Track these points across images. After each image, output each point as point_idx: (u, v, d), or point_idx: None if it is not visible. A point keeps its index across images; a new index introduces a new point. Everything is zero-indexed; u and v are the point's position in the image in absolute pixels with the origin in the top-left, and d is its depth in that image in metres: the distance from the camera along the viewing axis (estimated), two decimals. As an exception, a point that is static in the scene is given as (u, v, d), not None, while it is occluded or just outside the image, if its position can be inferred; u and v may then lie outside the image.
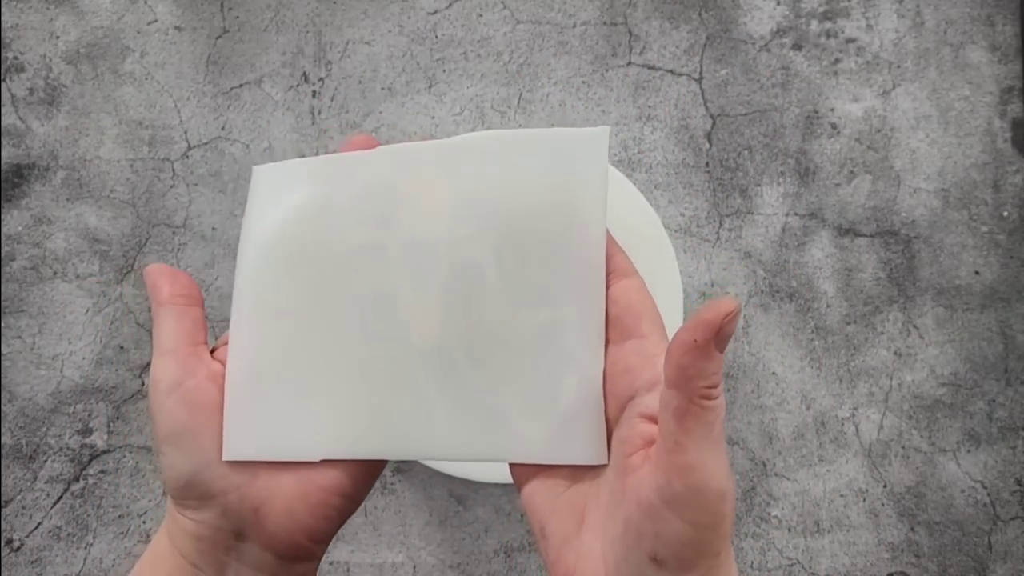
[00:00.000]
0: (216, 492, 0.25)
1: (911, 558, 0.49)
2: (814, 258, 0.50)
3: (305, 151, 0.51)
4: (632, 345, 0.25)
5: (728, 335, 0.20)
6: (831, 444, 0.49)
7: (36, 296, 0.50)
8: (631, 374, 0.24)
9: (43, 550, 0.49)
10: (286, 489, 0.26)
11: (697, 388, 0.20)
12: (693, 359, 0.20)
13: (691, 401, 0.20)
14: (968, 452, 0.49)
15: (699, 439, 0.20)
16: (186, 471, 0.25)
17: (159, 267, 0.27)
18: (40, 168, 0.51)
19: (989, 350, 0.49)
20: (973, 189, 0.50)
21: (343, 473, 0.26)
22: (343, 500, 0.26)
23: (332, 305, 0.27)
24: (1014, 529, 0.49)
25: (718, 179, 0.50)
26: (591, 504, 0.24)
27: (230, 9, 0.52)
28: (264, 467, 0.26)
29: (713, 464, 0.20)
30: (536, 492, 0.25)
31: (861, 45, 0.51)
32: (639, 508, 0.21)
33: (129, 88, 0.52)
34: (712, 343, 0.20)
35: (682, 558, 0.21)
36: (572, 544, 0.24)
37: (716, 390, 0.21)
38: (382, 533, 0.49)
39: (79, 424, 0.50)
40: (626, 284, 0.26)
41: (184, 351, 0.26)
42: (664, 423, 0.21)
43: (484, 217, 0.26)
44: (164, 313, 0.27)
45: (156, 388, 0.25)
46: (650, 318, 0.25)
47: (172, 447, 0.25)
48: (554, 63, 0.51)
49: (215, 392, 0.27)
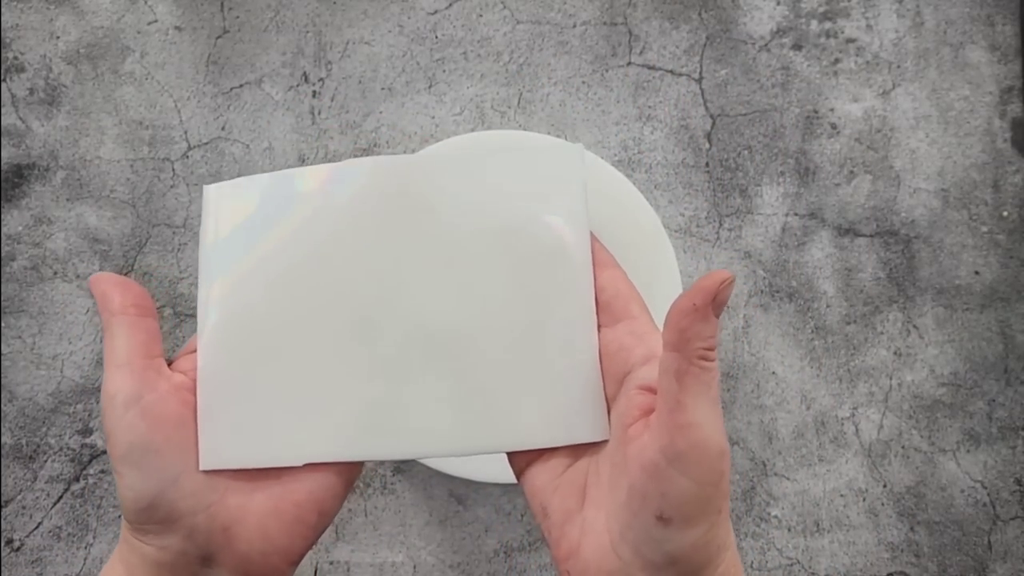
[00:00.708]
0: (182, 513, 0.24)
1: (911, 558, 0.49)
2: (814, 258, 0.50)
3: (305, 151, 0.51)
4: (624, 326, 0.26)
5: (723, 301, 0.22)
6: (831, 444, 0.49)
7: (36, 296, 0.50)
8: (625, 352, 0.25)
9: (43, 550, 0.49)
10: (259, 507, 0.25)
11: (695, 349, 0.21)
12: (692, 321, 0.21)
13: (690, 362, 0.21)
14: (968, 452, 0.49)
15: (698, 397, 0.21)
16: (148, 491, 0.24)
17: (107, 276, 0.26)
18: (40, 168, 0.51)
19: (989, 350, 0.49)
20: (973, 189, 0.50)
21: (319, 485, 0.25)
22: (317, 516, 0.26)
23: (310, 307, 0.26)
24: (1014, 529, 0.49)
25: (718, 179, 0.50)
26: (591, 480, 0.25)
27: (230, 9, 0.52)
28: (234, 485, 0.25)
29: (712, 423, 0.22)
30: (536, 475, 0.26)
31: (861, 45, 0.51)
32: (643, 471, 0.22)
33: (129, 88, 0.52)
34: (709, 307, 0.21)
35: (687, 515, 0.22)
36: (575, 520, 0.24)
37: (712, 353, 0.22)
38: (382, 533, 0.49)
39: (79, 424, 0.50)
40: (611, 273, 0.27)
41: (140, 364, 0.25)
42: (665, 386, 0.22)
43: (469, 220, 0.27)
44: (116, 324, 0.25)
45: (111, 402, 0.24)
46: (638, 302, 0.26)
47: (131, 466, 0.24)
48: (554, 63, 0.51)
49: (178, 406, 0.25)
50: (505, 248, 0.27)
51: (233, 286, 0.27)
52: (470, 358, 0.26)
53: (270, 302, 0.27)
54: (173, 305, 0.50)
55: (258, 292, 0.27)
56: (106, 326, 0.25)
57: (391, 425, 0.26)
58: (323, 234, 0.27)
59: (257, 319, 0.26)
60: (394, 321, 0.26)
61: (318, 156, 0.51)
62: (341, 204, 0.27)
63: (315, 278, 0.27)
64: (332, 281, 0.27)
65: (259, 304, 0.27)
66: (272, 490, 0.25)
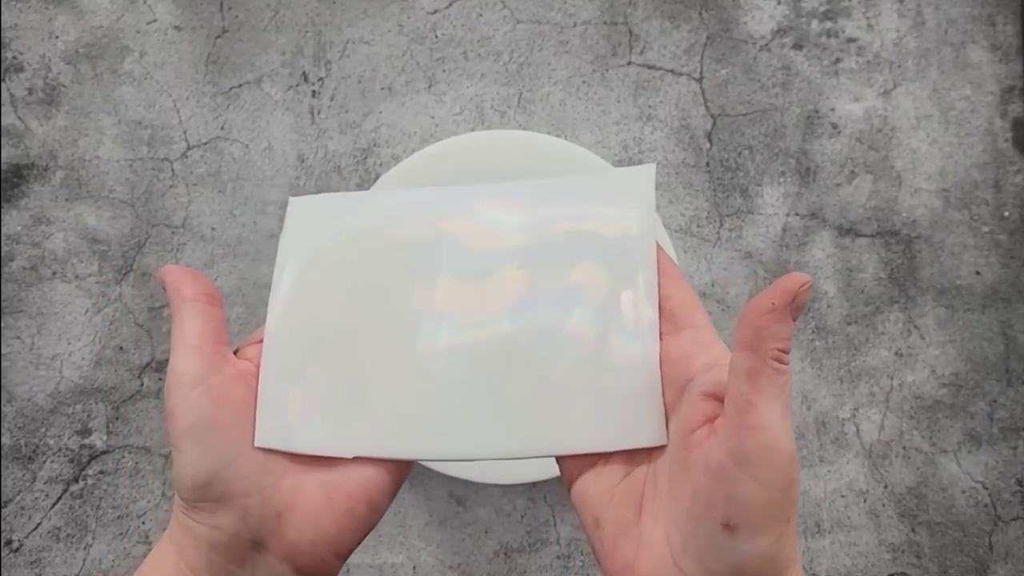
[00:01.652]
0: (237, 493, 0.24)
1: (912, 559, 0.49)
2: (815, 258, 0.50)
3: (305, 151, 0.51)
4: (688, 334, 0.25)
5: (802, 304, 0.21)
6: (832, 444, 0.49)
7: (35, 296, 0.50)
8: (688, 359, 0.25)
9: (42, 551, 0.49)
10: (311, 495, 0.25)
11: (770, 349, 0.21)
12: (769, 320, 0.21)
13: (764, 362, 0.21)
14: (969, 452, 0.49)
15: (771, 399, 0.21)
16: (207, 468, 0.24)
17: (178, 268, 0.27)
18: (39, 168, 0.51)
19: (990, 350, 0.49)
20: (974, 189, 0.50)
21: (371, 478, 0.26)
22: (368, 510, 0.26)
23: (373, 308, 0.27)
24: (1015, 530, 0.49)
25: (718, 179, 0.50)
26: (648, 491, 0.24)
27: (229, 9, 0.52)
28: (289, 471, 0.25)
29: (783, 426, 0.21)
30: (589, 486, 0.25)
31: (862, 45, 0.51)
32: (709, 474, 0.21)
33: (128, 88, 0.51)
34: (788, 308, 0.21)
35: (755, 522, 0.21)
36: (630, 533, 0.24)
37: (787, 355, 0.21)
38: (382, 534, 0.49)
39: (78, 424, 0.50)
40: (678, 284, 0.27)
41: (209, 347, 0.25)
42: (735, 386, 0.21)
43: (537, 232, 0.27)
44: (187, 309, 0.26)
45: (179, 381, 0.24)
46: (702, 313, 0.26)
47: (193, 442, 0.24)
48: (554, 63, 0.51)
49: (242, 389, 0.26)
50: (570, 255, 0.27)
51: (303, 282, 0.28)
52: (528, 362, 0.26)
53: (336, 299, 0.27)
54: (172, 305, 0.50)
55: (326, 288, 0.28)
56: (176, 311, 0.26)
57: (443, 426, 0.26)
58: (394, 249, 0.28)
59: (322, 315, 0.27)
60: (453, 325, 0.27)
61: (317, 156, 0.51)
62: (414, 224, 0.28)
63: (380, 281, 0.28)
64: (396, 284, 0.27)
65: (325, 300, 0.28)
66: (325, 479, 0.25)
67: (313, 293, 0.28)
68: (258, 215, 0.50)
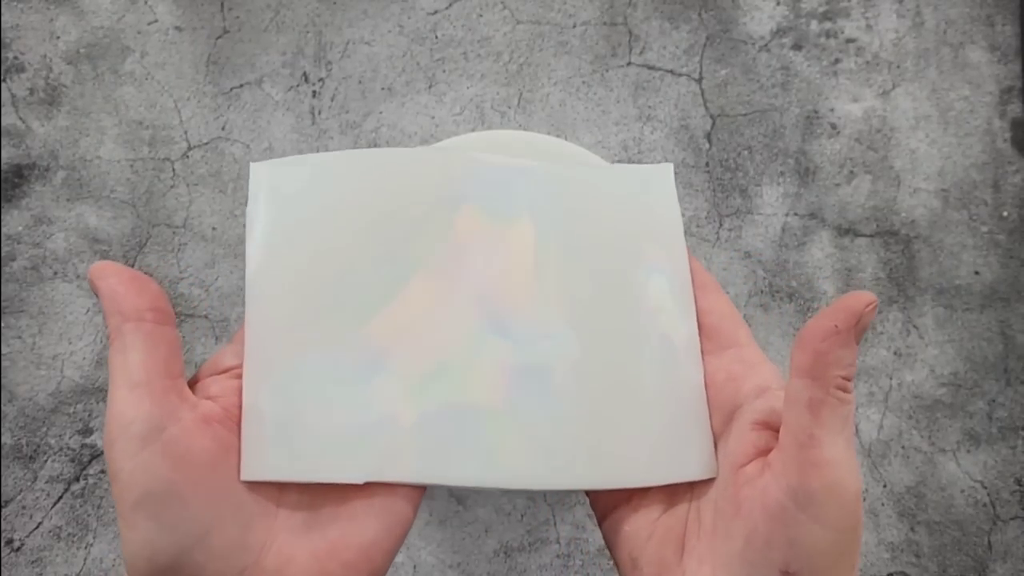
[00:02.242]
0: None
1: (911, 558, 0.49)
2: (814, 258, 0.50)
3: (305, 151, 0.51)
4: (732, 354, 0.23)
5: (866, 326, 0.19)
6: (831, 444, 0.49)
7: (36, 296, 0.50)
8: (735, 382, 0.23)
9: (43, 550, 0.49)
10: (303, 570, 0.20)
11: (834, 377, 0.19)
12: (832, 345, 0.19)
13: (827, 391, 0.19)
14: (968, 452, 0.49)
15: (835, 434, 0.19)
16: (168, 549, 0.19)
17: (113, 267, 0.20)
18: (40, 168, 0.51)
19: (989, 350, 0.49)
20: (973, 189, 0.50)
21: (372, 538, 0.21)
22: (369, 573, 0.21)
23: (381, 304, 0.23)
24: (1014, 529, 0.49)
25: (718, 179, 0.50)
26: (691, 529, 0.22)
27: (230, 9, 0.52)
28: (274, 543, 0.20)
29: (849, 462, 0.19)
30: (624, 520, 0.23)
31: (861, 45, 0.51)
32: (766, 515, 0.19)
33: (129, 88, 0.52)
34: (852, 331, 0.19)
35: (818, 568, 0.19)
36: (672, 573, 0.21)
37: (851, 383, 0.19)
38: (382, 533, 0.49)
39: (79, 424, 0.50)
40: (716, 297, 0.25)
41: (160, 385, 0.20)
42: (794, 417, 0.19)
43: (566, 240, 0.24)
44: (130, 333, 0.20)
45: (124, 433, 0.19)
46: (745, 329, 0.24)
47: (149, 517, 0.19)
48: (554, 63, 0.51)
49: (207, 441, 0.20)
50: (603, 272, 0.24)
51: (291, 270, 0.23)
52: (563, 385, 0.23)
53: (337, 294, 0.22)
54: (173, 305, 0.50)
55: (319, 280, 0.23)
56: (115, 334, 0.20)
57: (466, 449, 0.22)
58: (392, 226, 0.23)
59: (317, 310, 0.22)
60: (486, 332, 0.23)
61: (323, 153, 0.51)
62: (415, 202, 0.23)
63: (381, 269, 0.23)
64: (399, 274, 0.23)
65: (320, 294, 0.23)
66: (317, 548, 0.20)
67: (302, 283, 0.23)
68: (259, 215, 0.51)
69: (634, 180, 0.26)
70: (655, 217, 0.25)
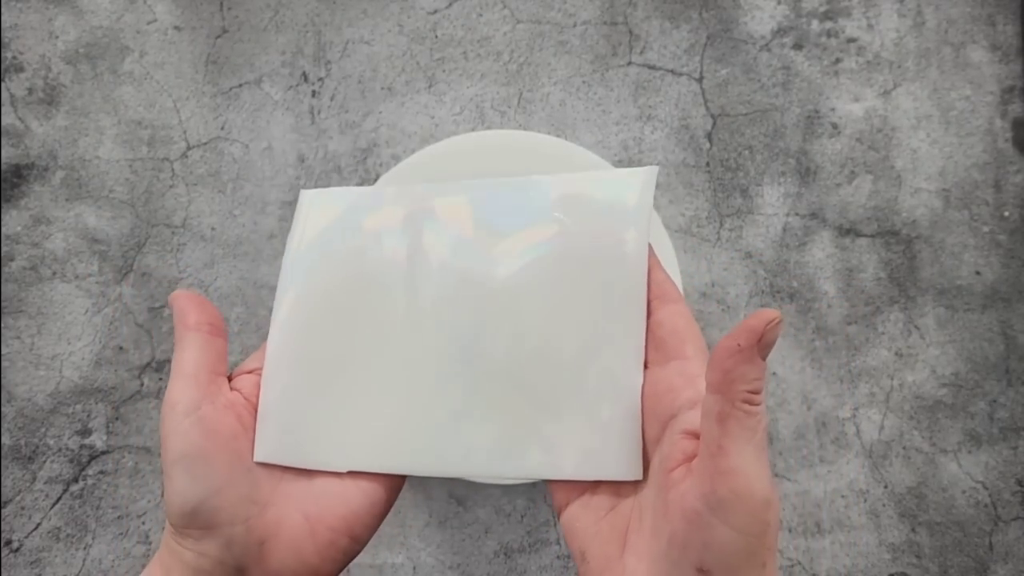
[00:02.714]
0: (223, 522, 0.25)
1: (912, 559, 0.49)
2: (815, 258, 0.50)
3: (304, 151, 0.51)
4: (675, 366, 0.25)
5: (770, 342, 0.21)
6: (832, 444, 0.49)
7: (35, 296, 0.50)
8: (673, 393, 0.24)
9: (42, 551, 0.49)
10: (295, 526, 0.26)
11: (739, 392, 0.21)
12: (736, 363, 0.20)
13: (734, 405, 0.20)
14: (969, 452, 0.49)
15: (742, 443, 0.20)
16: (194, 496, 0.25)
17: (187, 294, 0.28)
18: (39, 168, 0.51)
19: (990, 350, 0.49)
20: (974, 189, 0.50)
21: (354, 511, 0.26)
22: (350, 541, 0.26)
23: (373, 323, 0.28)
24: (1015, 530, 0.49)
25: (718, 179, 0.50)
26: (633, 526, 0.24)
27: (229, 9, 0.52)
28: (274, 502, 0.26)
29: (756, 470, 0.20)
30: (576, 516, 0.25)
31: (862, 45, 0.51)
32: (684, 518, 0.21)
33: (128, 88, 0.51)
34: (755, 348, 0.20)
35: (729, 567, 0.21)
36: (614, 568, 0.24)
37: (758, 396, 0.21)
38: (382, 534, 0.49)
39: (78, 425, 0.50)
40: (673, 309, 0.26)
41: (205, 378, 0.26)
42: (707, 429, 0.21)
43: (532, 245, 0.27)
44: (190, 338, 0.27)
45: (173, 409, 0.25)
46: (694, 343, 0.25)
47: (183, 470, 0.25)
48: (554, 63, 0.51)
49: (232, 420, 0.26)
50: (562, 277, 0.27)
51: (308, 292, 0.28)
52: (518, 383, 0.26)
53: (338, 312, 0.28)
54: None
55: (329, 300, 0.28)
56: (178, 338, 0.27)
57: (435, 443, 0.26)
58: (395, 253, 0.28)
59: (324, 329, 0.28)
60: (449, 343, 0.27)
61: (317, 156, 0.51)
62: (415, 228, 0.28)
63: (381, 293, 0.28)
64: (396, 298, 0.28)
65: (328, 313, 0.28)
66: (308, 511, 0.26)
67: (315, 302, 0.28)
68: (258, 215, 0.50)
69: (609, 187, 0.27)
70: (626, 234, 0.27)
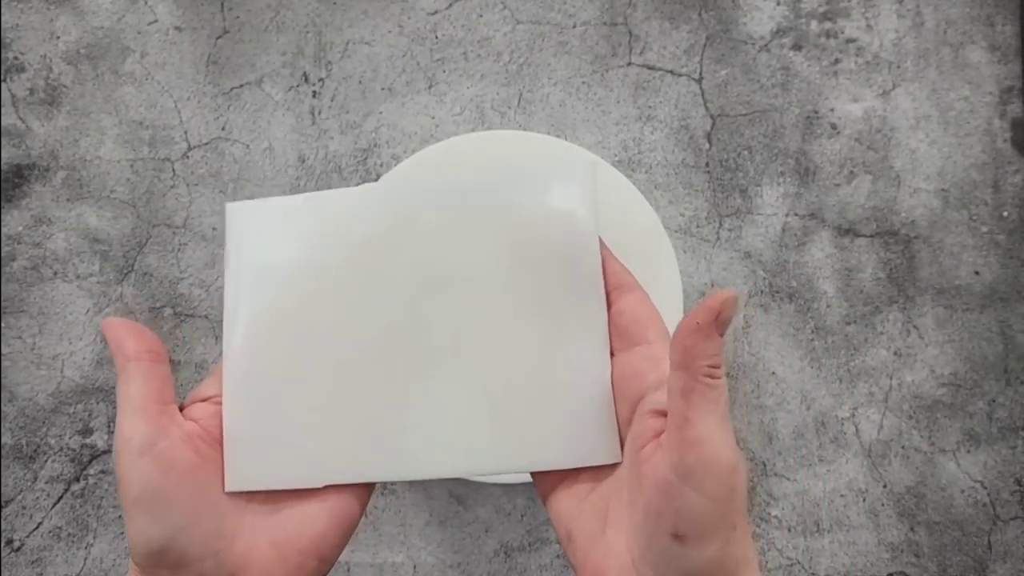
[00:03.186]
0: (192, 559, 0.24)
1: (911, 558, 0.49)
2: (814, 258, 0.50)
3: (305, 151, 0.51)
4: (639, 351, 0.26)
5: (727, 319, 0.22)
6: (831, 444, 0.49)
7: (36, 296, 0.50)
8: (640, 376, 0.25)
9: (43, 550, 0.49)
10: (264, 555, 0.26)
11: (701, 367, 0.22)
12: (696, 340, 0.22)
13: (696, 380, 0.22)
14: (968, 452, 0.49)
15: (705, 414, 0.22)
16: (160, 536, 0.24)
17: (120, 321, 0.26)
18: (40, 168, 0.51)
19: (989, 350, 0.49)
20: (973, 189, 0.50)
21: (321, 532, 0.26)
22: (318, 563, 0.26)
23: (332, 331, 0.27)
24: (1014, 529, 0.49)
25: (718, 179, 0.50)
26: (613, 504, 0.25)
27: (230, 9, 0.52)
28: (241, 533, 0.26)
29: (721, 438, 0.22)
30: (560, 500, 0.26)
31: (861, 45, 0.51)
32: (656, 489, 0.23)
33: (129, 88, 0.52)
34: (713, 325, 0.22)
35: (701, 531, 0.22)
36: (599, 543, 0.25)
37: (718, 370, 0.22)
38: (382, 533, 0.49)
39: (79, 424, 0.50)
40: (632, 298, 0.27)
41: (155, 410, 0.25)
42: (673, 404, 0.22)
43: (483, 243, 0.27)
44: (132, 369, 0.26)
45: (126, 447, 0.24)
46: (656, 328, 0.26)
47: (143, 511, 0.24)
48: (554, 63, 0.51)
49: (189, 453, 0.26)
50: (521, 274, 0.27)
51: (260, 310, 0.27)
52: (487, 382, 0.27)
53: (293, 327, 0.27)
54: (173, 305, 0.50)
55: (282, 316, 0.27)
56: (120, 370, 0.26)
57: (410, 446, 0.26)
58: (344, 260, 0.27)
59: (281, 346, 0.27)
60: (414, 345, 0.27)
61: (318, 156, 0.51)
62: (362, 230, 0.28)
63: (337, 302, 0.27)
64: (353, 306, 0.27)
65: (283, 329, 0.27)
66: (276, 538, 0.26)
67: (268, 319, 0.27)
68: (259, 215, 0.51)
69: (553, 181, 0.28)
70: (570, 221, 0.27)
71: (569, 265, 0.27)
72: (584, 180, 0.27)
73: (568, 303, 0.27)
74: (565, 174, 0.28)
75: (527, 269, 0.27)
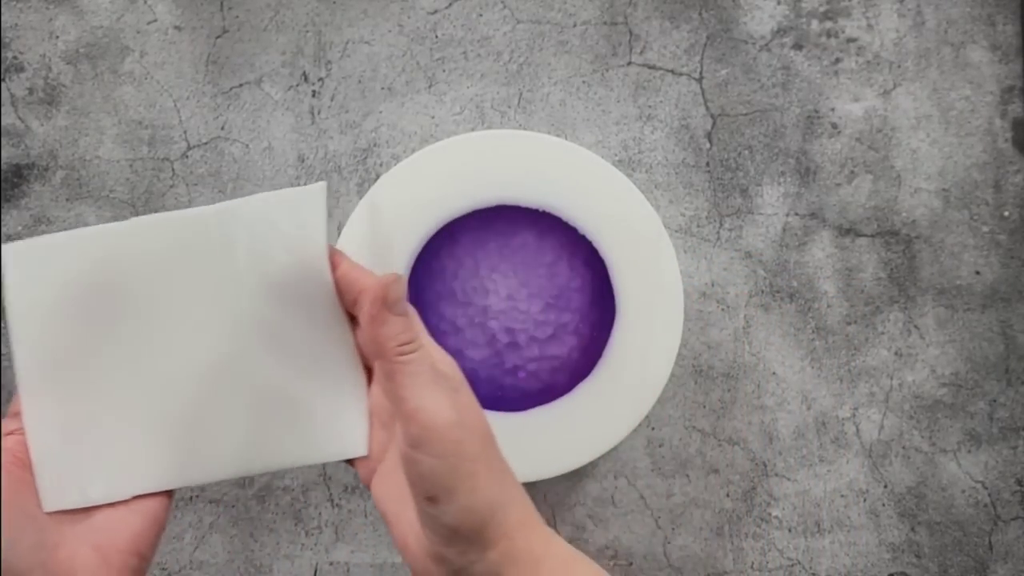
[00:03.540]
0: (22, 571, 0.26)
1: (912, 558, 0.49)
2: (815, 258, 0.50)
3: (305, 151, 0.51)
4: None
5: (395, 300, 0.25)
6: (831, 444, 0.49)
7: (35, 296, 0.50)
8: None
9: (42, 550, 0.49)
10: (87, 559, 0.27)
11: (392, 348, 0.25)
12: (376, 328, 0.25)
13: (392, 361, 0.25)
14: (969, 452, 0.49)
15: (412, 387, 0.25)
16: None
17: None
18: (39, 168, 0.51)
19: (990, 350, 0.49)
20: (974, 189, 0.50)
21: (135, 530, 0.29)
22: (139, 560, 0.28)
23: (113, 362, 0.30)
24: (1015, 529, 0.49)
25: (718, 179, 0.50)
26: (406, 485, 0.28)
27: (230, 9, 0.52)
28: (63, 541, 0.28)
29: (431, 403, 0.25)
30: (376, 487, 0.30)
31: (862, 45, 0.51)
32: (404, 462, 0.26)
33: (129, 88, 0.51)
34: (384, 310, 0.25)
35: (444, 488, 0.25)
36: (403, 520, 0.28)
37: (410, 344, 0.25)
38: (382, 533, 0.49)
39: (79, 424, 0.50)
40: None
41: None
42: (386, 389, 0.26)
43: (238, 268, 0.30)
44: None
45: None
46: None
47: None
48: (554, 63, 0.51)
49: (11, 467, 0.28)
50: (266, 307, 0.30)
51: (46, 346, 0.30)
52: (255, 396, 0.30)
53: (81, 360, 0.30)
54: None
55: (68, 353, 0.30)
56: None
57: (200, 453, 0.30)
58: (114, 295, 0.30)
59: (73, 377, 0.30)
60: (186, 367, 0.30)
61: (318, 156, 0.51)
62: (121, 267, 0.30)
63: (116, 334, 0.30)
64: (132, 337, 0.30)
65: (72, 364, 0.30)
66: (97, 541, 0.28)
67: (59, 357, 0.30)
68: (258, 215, 0.50)
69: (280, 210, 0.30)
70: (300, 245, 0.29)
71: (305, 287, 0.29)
72: (315, 203, 0.30)
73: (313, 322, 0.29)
74: (292, 200, 0.30)
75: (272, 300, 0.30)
